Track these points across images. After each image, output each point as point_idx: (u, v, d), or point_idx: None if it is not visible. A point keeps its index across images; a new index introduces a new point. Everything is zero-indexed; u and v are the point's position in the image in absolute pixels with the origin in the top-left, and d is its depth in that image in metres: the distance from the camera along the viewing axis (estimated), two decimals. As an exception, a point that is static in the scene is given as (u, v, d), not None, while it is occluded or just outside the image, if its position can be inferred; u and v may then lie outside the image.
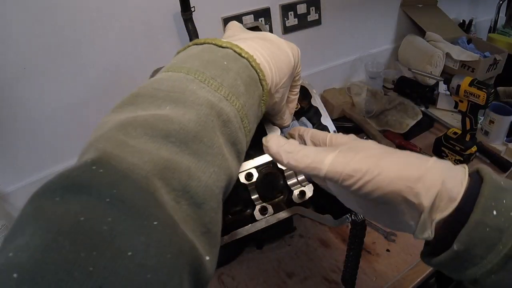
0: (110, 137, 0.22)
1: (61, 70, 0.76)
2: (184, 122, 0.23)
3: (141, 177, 0.19)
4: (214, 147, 0.24)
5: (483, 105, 0.86)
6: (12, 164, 0.80)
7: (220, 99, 0.26)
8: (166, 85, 0.26)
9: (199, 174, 0.23)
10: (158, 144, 0.22)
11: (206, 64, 0.27)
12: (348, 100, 1.18)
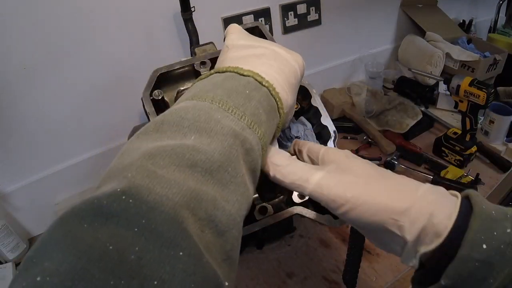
0: (139, 166, 0.22)
1: (61, 70, 0.76)
2: (209, 152, 0.24)
3: (169, 208, 0.20)
4: (237, 176, 0.25)
5: (483, 105, 0.86)
6: (12, 164, 0.80)
7: (243, 127, 0.27)
8: (191, 114, 0.26)
9: (223, 203, 0.23)
10: (185, 174, 0.22)
11: (229, 93, 0.28)
12: (348, 100, 1.18)
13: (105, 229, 0.18)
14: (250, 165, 0.27)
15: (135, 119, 0.88)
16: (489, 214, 0.26)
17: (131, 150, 0.24)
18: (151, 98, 0.49)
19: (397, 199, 0.27)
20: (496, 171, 0.94)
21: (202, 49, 0.58)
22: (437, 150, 1.00)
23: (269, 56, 0.34)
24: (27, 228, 0.88)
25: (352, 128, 1.12)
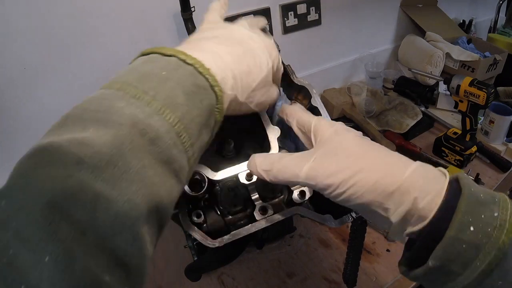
0: (20, 164, 0.21)
1: (61, 70, 0.76)
2: (98, 146, 0.21)
3: (37, 208, 0.19)
4: (130, 172, 0.22)
5: (483, 105, 0.86)
6: (12, 164, 0.80)
7: (149, 114, 0.24)
8: (95, 104, 0.24)
9: (107, 204, 0.21)
10: (69, 172, 0.20)
11: (141, 77, 0.26)
12: (348, 100, 1.18)
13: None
14: (158, 156, 0.24)
15: (135, 119, 0.88)
16: (477, 197, 0.26)
17: None
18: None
19: (384, 181, 0.27)
20: (496, 171, 0.94)
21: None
22: (437, 150, 1.00)
23: (222, 38, 0.32)
24: (27, 228, 0.88)
25: (352, 128, 1.12)
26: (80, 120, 0.23)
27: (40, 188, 0.19)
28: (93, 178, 0.21)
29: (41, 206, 0.19)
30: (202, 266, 0.60)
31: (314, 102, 0.49)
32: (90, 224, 0.20)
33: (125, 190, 0.22)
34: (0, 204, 0.19)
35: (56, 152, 0.21)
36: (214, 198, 0.51)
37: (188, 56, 0.28)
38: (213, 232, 0.49)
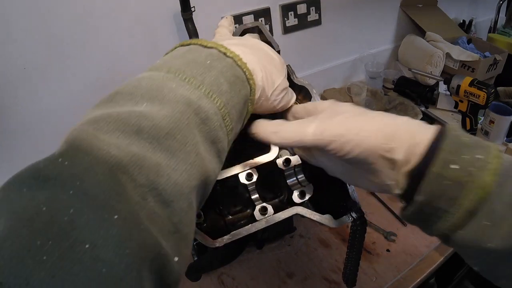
0: (80, 130, 0.22)
1: (61, 70, 0.76)
2: (158, 118, 0.23)
3: (105, 169, 0.19)
4: (187, 144, 0.24)
5: (483, 105, 0.87)
6: (11, 164, 0.80)
7: (199, 96, 0.26)
8: (145, 83, 0.26)
9: (169, 171, 0.22)
10: (130, 140, 0.21)
11: (188, 63, 0.28)
12: (348, 100, 1.18)
13: (43, 192, 0.18)
14: (207, 135, 0.26)
15: (135, 119, 0.88)
16: (462, 140, 0.27)
17: (82, 119, 0.24)
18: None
19: (385, 127, 0.29)
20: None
21: (202, 49, 0.58)
22: (437, 150, 1.00)
23: (241, 43, 0.34)
24: (27, 228, 0.88)
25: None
26: (131, 96, 0.24)
27: (106, 151, 0.20)
28: (153, 148, 0.22)
29: (109, 168, 0.19)
30: (202, 266, 0.60)
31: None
32: (152, 188, 0.21)
33: (183, 161, 0.23)
34: (63, 164, 0.19)
35: (115, 121, 0.22)
36: (214, 198, 0.51)
37: (227, 50, 0.30)
38: (213, 232, 0.49)
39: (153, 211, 0.20)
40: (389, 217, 0.83)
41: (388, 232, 0.78)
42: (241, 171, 0.46)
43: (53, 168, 0.19)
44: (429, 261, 0.73)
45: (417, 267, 0.72)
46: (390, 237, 0.77)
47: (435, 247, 0.75)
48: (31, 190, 0.18)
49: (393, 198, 0.88)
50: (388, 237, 0.77)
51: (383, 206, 0.86)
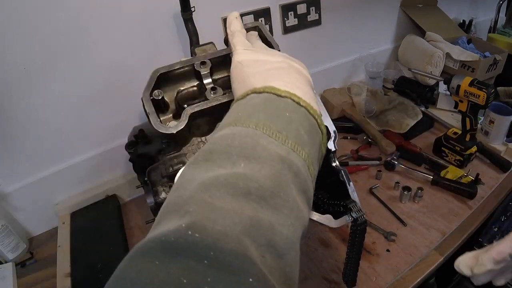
0: (198, 200, 0.23)
1: (61, 70, 0.76)
2: (261, 180, 0.25)
3: (234, 238, 0.21)
4: (289, 200, 0.26)
5: (483, 105, 0.86)
6: (12, 164, 0.80)
7: (288, 151, 0.28)
8: (238, 141, 0.27)
9: (280, 228, 0.24)
10: (241, 203, 0.23)
11: (271, 117, 0.29)
12: (348, 100, 1.18)
13: (177, 264, 0.19)
14: (300, 186, 0.28)
15: (135, 119, 0.88)
16: None
17: (185, 183, 0.26)
18: (151, 98, 0.49)
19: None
20: (496, 171, 0.94)
21: (202, 49, 0.58)
22: (437, 150, 1.00)
23: (288, 70, 0.37)
24: (27, 228, 0.88)
25: (352, 128, 1.12)
26: (227, 155, 0.26)
27: (229, 221, 0.22)
28: (261, 207, 0.24)
29: (236, 235, 0.21)
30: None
31: (314, 102, 0.49)
32: (269, 246, 0.23)
33: (288, 216, 0.25)
34: (193, 236, 0.20)
35: (224, 186, 0.24)
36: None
37: (300, 99, 0.32)
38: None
39: (271, 266, 0.22)
40: (389, 217, 0.83)
41: (388, 232, 0.78)
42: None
43: (185, 241, 0.20)
44: (429, 261, 0.73)
45: (417, 267, 0.72)
46: (390, 237, 0.77)
47: (435, 247, 0.75)
48: (164, 262, 0.19)
49: (393, 198, 0.88)
50: (388, 237, 0.77)
51: (383, 206, 0.86)
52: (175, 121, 0.52)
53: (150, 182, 0.55)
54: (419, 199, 0.86)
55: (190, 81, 0.55)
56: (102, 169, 0.92)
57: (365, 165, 0.98)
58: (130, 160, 0.65)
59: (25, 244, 0.84)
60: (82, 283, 0.71)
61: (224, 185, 0.24)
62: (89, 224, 0.85)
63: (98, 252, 0.77)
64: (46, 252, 0.83)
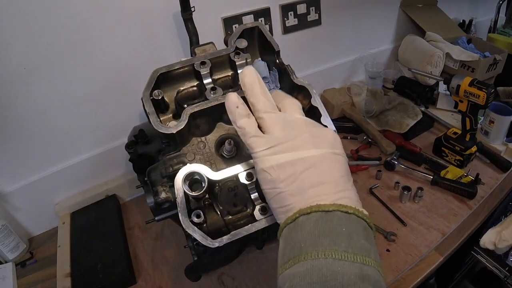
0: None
1: (61, 70, 0.76)
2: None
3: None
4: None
5: (483, 105, 0.86)
6: (12, 164, 0.80)
7: (360, 267, 0.29)
8: (316, 276, 0.29)
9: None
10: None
11: (332, 238, 0.31)
12: (348, 100, 1.18)
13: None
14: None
15: (135, 119, 0.88)
16: None
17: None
18: (151, 98, 0.49)
19: None
20: (496, 171, 0.94)
21: (202, 49, 0.58)
22: (437, 150, 1.00)
23: (321, 166, 0.36)
24: (27, 228, 0.88)
25: (352, 128, 1.12)
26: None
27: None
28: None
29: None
30: (202, 266, 0.60)
31: (314, 102, 0.49)
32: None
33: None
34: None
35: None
36: (214, 198, 0.51)
37: (348, 208, 0.33)
38: (213, 232, 0.49)
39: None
40: (389, 217, 0.83)
41: (388, 232, 0.78)
42: (241, 171, 0.46)
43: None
44: (429, 261, 0.73)
45: (417, 267, 0.72)
46: (390, 237, 0.77)
47: (435, 247, 0.75)
48: None
49: (393, 198, 0.88)
50: (388, 237, 0.77)
51: (383, 206, 0.86)
52: (175, 121, 0.52)
53: (150, 182, 0.55)
54: (419, 199, 0.86)
55: (190, 81, 0.56)
56: (102, 169, 0.92)
57: (365, 165, 0.98)
58: (130, 160, 0.65)
59: (25, 244, 0.84)
60: (82, 283, 0.71)
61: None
62: (89, 224, 0.85)
63: (98, 252, 0.77)
64: (46, 252, 0.84)
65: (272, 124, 0.37)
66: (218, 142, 0.54)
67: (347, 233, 0.31)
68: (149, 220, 0.62)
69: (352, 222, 0.33)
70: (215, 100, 0.49)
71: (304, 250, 0.31)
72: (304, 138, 0.36)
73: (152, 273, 0.76)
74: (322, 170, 0.35)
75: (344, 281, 0.28)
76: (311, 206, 0.33)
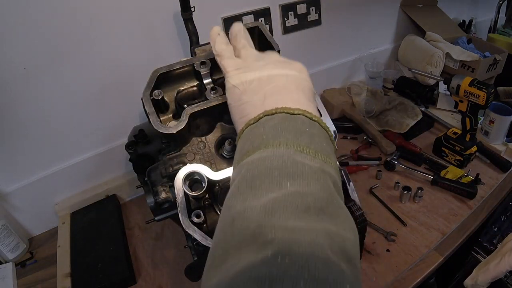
0: (271, 227, 0.23)
1: (61, 70, 0.76)
2: (314, 192, 0.26)
3: (321, 253, 0.22)
4: (341, 206, 0.27)
5: (483, 105, 0.86)
6: (12, 164, 0.80)
7: (321, 163, 0.29)
8: (276, 162, 0.28)
9: (345, 233, 0.25)
10: (307, 219, 0.24)
11: (295, 134, 0.30)
12: (348, 100, 1.18)
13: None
14: (339, 193, 0.29)
15: (135, 119, 0.88)
16: None
17: (243, 213, 0.25)
18: (151, 98, 0.49)
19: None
20: (496, 171, 0.94)
21: (202, 49, 0.58)
22: (437, 150, 1.00)
23: (286, 85, 0.36)
24: (27, 228, 0.88)
25: (352, 128, 1.12)
26: (270, 179, 0.27)
27: (310, 239, 0.22)
28: (321, 219, 0.24)
29: (321, 252, 0.22)
30: (202, 266, 0.60)
31: (314, 102, 0.49)
32: (344, 252, 0.23)
33: (345, 221, 0.26)
34: (283, 262, 0.21)
35: (286, 207, 0.24)
36: (214, 198, 0.51)
37: (312, 114, 0.33)
38: (213, 232, 0.49)
39: (343, 270, 0.23)
40: (389, 217, 0.83)
41: (388, 232, 0.78)
42: (241, 171, 0.46)
43: (277, 269, 0.20)
44: (429, 261, 0.73)
45: (417, 267, 0.72)
46: (390, 237, 0.77)
47: (435, 247, 0.75)
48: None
49: (393, 198, 0.88)
50: (388, 237, 0.77)
51: (383, 206, 0.86)
52: (175, 121, 0.52)
53: (150, 182, 0.55)
54: (419, 199, 0.86)
55: (190, 81, 0.56)
56: (102, 169, 0.92)
57: (365, 165, 0.98)
58: (130, 160, 0.65)
59: (25, 244, 0.84)
60: (82, 283, 0.71)
61: (285, 206, 0.24)
62: (89, 224, 0.85)
63: (98, 252, 0.77)
64: (46, 252, 0.84)
65: (247, 55, 0.41)
66: (218, 142, 0.54)
67: (310, 134, 0.31)
68: (149, 220, 0.62)
69: (315, 128, 0.32)
70: (215, 100, 0.49)
71: (265, 140, 0.30)
72: (273, 62, 0.39)
73: (152, 273, 0.76)
74: (287, 86, 0.36)
75: (305, 170, 0.27)
76: (277, 107, 0.33)
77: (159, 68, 0.51)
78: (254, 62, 0.40)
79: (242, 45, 0.42)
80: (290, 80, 0.37)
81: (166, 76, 0.52)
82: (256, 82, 0.37)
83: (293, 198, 0.25)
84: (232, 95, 0.38)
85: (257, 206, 0.25)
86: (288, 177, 0.26)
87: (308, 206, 0.24)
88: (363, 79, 1.31)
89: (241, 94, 0.37)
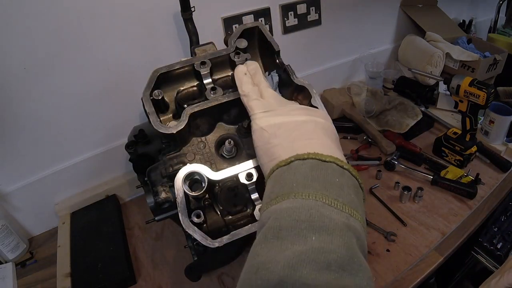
0: (292, 283, 0.25)
1: (61, 70, 0.76)
2: (337, 250, 0.26)
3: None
4: (361, 263, 0.27)
5: (483, 105, 0.86)
6: (12, 164, 0.80)
7: (347, 217, 0.29)
8: (304, 215, 0.29)
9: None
10: (326, 276, 0.25)
11: (325, 185, 0.31)
12: (348, 100, 1.18)
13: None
14: (361, 248, 0.29)
15: (135, 119, 0.88)
16: None
17: (267, 264, 0.27)
18: (151, 98, 0.49)
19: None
20: (496, 171, 0.94)
21: (202, 49, 0.58)
22: (437, 150, 1.00)
23: (315, 129, 0.38)
24: (27, 228, 0.88)
25: (352, 128, 1.12)
26: (296, 231, 0.28)
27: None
28: (340, 276, 0.25)
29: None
30: (202, 266, 0.60)
31: (314, 102, 0.49)
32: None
33: (363, 278, 0.27)
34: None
35: (308, 262, 0.25)
36: (214, 198, 0.51)
37: (343, 162, 0.34)
38: (213, 232, 0.49)
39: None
40: (389, 217, 0.83)
41: (388, 232, 0.78)
42: (241, 171, 0.46)
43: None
44: (429, 261, 0.73)
45: (417, 267, 0.72)
46: (390, 237, 0.77)
47: (435, 247, 0.75)
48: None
49: (393, 198, 0.88)
50: (388, 237, 0.77)
51: (383, 206, 0.86)
52: (175, 121, 0.52)
53: (150, 182, 0.55)
54: (419, 199, 0.86)
55: (190, 81, 0.56)
56: (102, 169, 0.92)
57: (365, 165, 0.98)
58: (130, 160, 0.65)
59: (25, 244, 0.84)
60: (82, 283, 0.71)
61: (307, 262, 0.25)
62: (89, 224, 0.85)
63: (98, 252, 0.77)
64: (46, 252, 0.84)
65: (270, 97, 0.42)
66: (218, 142, 0.54)
67: (340, 184, 0.32)
68: (149, 220, 0.62)
69: (345, 176, 0.33)
70: (215, 100, 0.49)
71: (295, 189, 0.31)
72: (298, 108, 0.41)
73: (152, 273, 0.76)
74: (316, 132, 0.37)
75: (330, 225, 0.28)
76: (309, 153, 0.34)
77: (159, 68, 0.51)
78: (280, 107, 0.41)
79: (264, 86, 0.43)
80: (318, 127, 0.38)
81: (166, 76, 0.52)
82: (285, 126, 0.38)
83: (316, 255, 0.26)
84: (260, 137, 0.38)
85: (281, 261, 0.26)
86: (313, 231, 0.27)
87: (329, 263, 0.25)
88: (363, 79, 1.31)
89: (269, 137, 0.37)
